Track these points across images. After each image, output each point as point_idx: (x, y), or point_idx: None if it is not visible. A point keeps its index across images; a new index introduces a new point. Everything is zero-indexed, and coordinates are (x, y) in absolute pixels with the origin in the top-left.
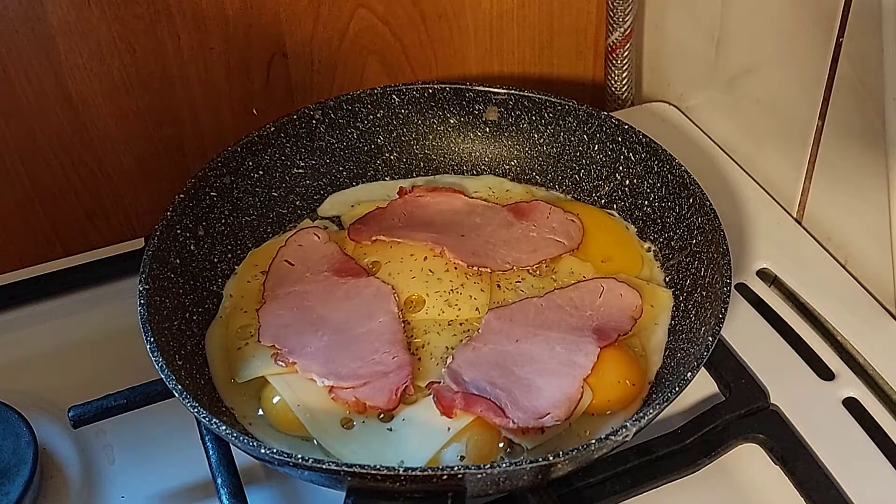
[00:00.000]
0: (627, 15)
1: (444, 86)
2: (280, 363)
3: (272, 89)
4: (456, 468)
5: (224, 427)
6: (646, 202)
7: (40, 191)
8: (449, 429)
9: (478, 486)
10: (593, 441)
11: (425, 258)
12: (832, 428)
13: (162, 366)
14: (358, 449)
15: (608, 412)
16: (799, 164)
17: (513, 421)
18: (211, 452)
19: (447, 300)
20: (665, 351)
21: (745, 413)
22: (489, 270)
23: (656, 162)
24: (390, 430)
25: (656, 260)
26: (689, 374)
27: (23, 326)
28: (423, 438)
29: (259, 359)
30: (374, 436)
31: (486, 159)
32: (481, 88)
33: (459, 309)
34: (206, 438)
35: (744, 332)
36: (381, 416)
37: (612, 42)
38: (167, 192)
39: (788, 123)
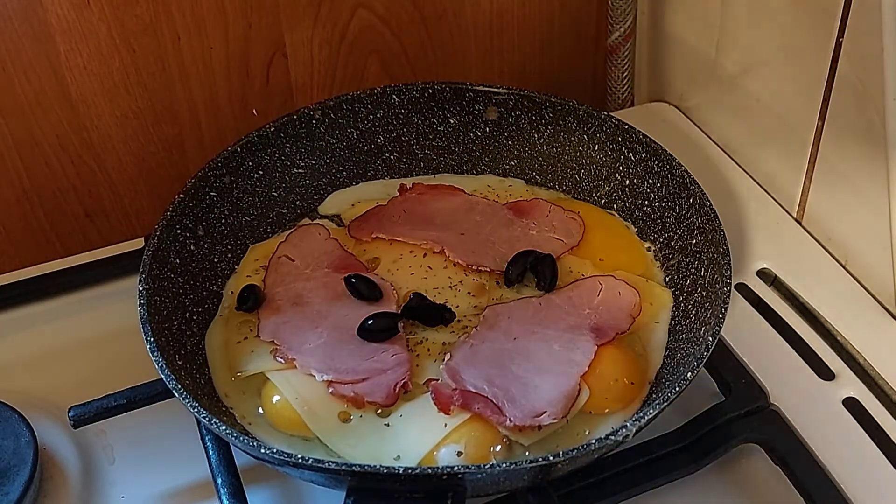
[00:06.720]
0: (627, 15)
1: (444, 86)
2: (279, 359)
3: (272, 89)
4: (456, 468)
5: (224, 427)
6: (646, 202)
7: (40, 190)
8: (446, 425)
9: (478, 486)
10: (593, 441)
11: (425, 255)
12: (832, 428)
13: (162, 366)
14: (355, 443)
15: (606, 411)
16: (799, 164)
17: (510, 419)
18: (211, 452)
19: (446, 297)
20: (665, 351)
21: (745, 413)
22: (488, 269)
23: (656, 162)
24: (387, 425)
25: (656, 260)
26: (689, 374)
27: (23, 326)
28: (420, 434)
29: (258, 355)
30: (372, 430)
31: (486, 159)
32: (481, 88)
33: (458, 306)
34: (206, 438)
35: (744, 332)
36: (379, 411)
37: (612, 42)
38: (167, 191)
39: (788, 123)
